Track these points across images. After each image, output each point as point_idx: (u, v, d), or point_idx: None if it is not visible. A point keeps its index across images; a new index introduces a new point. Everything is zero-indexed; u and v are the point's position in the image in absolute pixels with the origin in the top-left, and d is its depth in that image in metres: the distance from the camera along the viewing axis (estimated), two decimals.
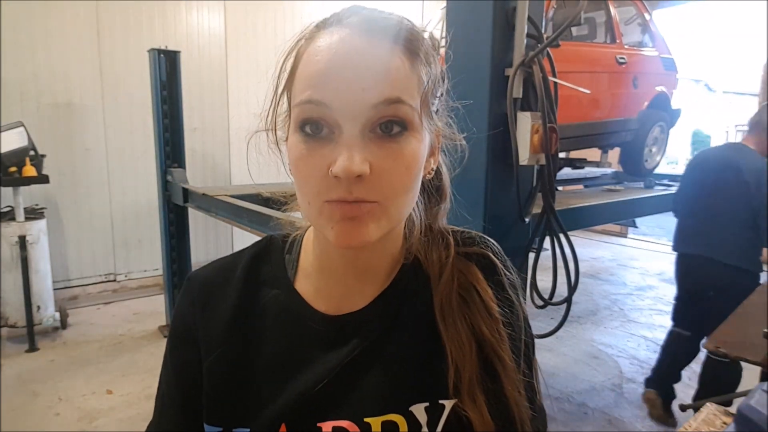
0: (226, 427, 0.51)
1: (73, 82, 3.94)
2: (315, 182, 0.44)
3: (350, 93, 0.42)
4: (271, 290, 0.55)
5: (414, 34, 0.46)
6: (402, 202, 0.47)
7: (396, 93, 0.43)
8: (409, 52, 0.45)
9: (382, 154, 0.43)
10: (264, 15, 4.88)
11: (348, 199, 0.43)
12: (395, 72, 0.43)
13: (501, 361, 0.51)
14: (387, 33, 0.44)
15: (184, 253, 3.61)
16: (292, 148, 0.46)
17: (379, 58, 0.43)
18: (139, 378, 2.86)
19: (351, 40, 0.43)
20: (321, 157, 0.43)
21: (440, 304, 0.52)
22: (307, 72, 0.44)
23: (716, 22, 9.51)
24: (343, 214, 0.44)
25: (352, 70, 0.42)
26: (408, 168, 0.45)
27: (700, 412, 1.05)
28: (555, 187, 1.74)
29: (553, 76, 1.64)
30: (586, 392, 2.80)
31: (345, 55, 0.43)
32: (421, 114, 0.45)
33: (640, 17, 3.56)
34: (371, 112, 0.42)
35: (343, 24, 0.44)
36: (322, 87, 0.43)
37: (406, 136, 0.44)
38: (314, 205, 0.45)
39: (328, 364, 0.51)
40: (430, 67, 0.47)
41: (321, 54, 0.43)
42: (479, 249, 0.57)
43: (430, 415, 0.50)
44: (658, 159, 3.74)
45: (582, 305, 4.22)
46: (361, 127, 0.43)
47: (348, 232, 0.44)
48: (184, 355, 0.56)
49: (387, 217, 0.46)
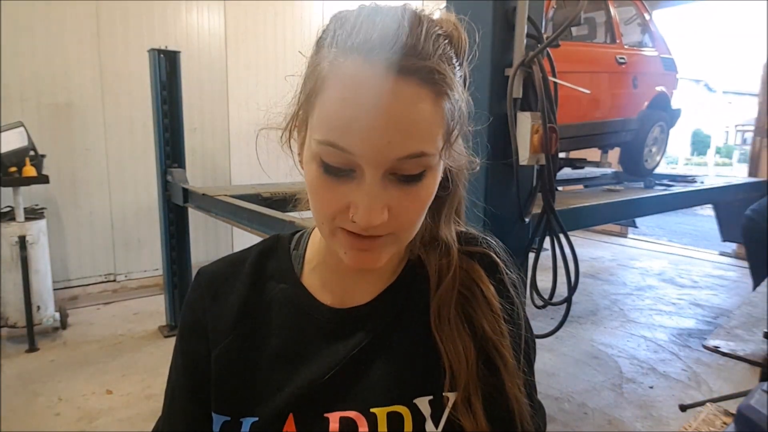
0: (233, 416, 0.52)
1: (73, 82, 3.94)
2: (332, 212, 0.45)
3: (375, 145, 0.41)
4: (278, 284, 0.57)
5: (444, 70, 0.43)
6: (414, 230, 0.49)
7: (420, 147, 0.43)
8: (436, 95, 0.42)
9: (402, 197, 0.44)
10: (264, 15, 4.88)
11: (362, 234, 0.45)
12: (422, 124, 0.42)
13: (502, 358, 0.52)
14: (417, 75, 0.41)
15: (184, 253, 3.61)
16: (310, 174, 0.46)
17: (406, 111, 0.41)
18: (139, 378, 2.86)
19: (378, 86, 0.40)
20: (341, 194, 0.44)
21: (437, 313, 0.53)
22: (331, 111, 0.42)
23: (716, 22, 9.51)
24: (356, 246, 0.46)
25: (378, 123, 0.41)
26: (423, 204, 0.47)
27: (700, 412, 1.05)
28: (555, 187, 1.74)
29: (553, 76, 1.64)
30: (586, 392, 2.80)
31: (372, 104, 0.40)
32: (442, 152, 0.45)
33: (640, 17, 3.56)
34: (394, 163, 0.43)
35: (372, 59, 0.41)
36: (347, 135, 0.41)
37: (424, 179, 0.45)
38: (327, 227, 0.47)
39: (335, 356, 0.52)
40: (454, 97, 0.45)
41: (347, 96, 0.41)
42: (482, 248, 0.58)
43: (434, 408, 0.51)
44: (658, 159, 3.74)
45: (582, 305, 4.22)
46: (383, 173, 0.43)
47: (361, 259, 0.47)
48: (193, 347, 0.57)
49: (399, 244, 0.48)
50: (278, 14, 4.96)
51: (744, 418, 0.78)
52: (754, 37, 10.20)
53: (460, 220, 0.60)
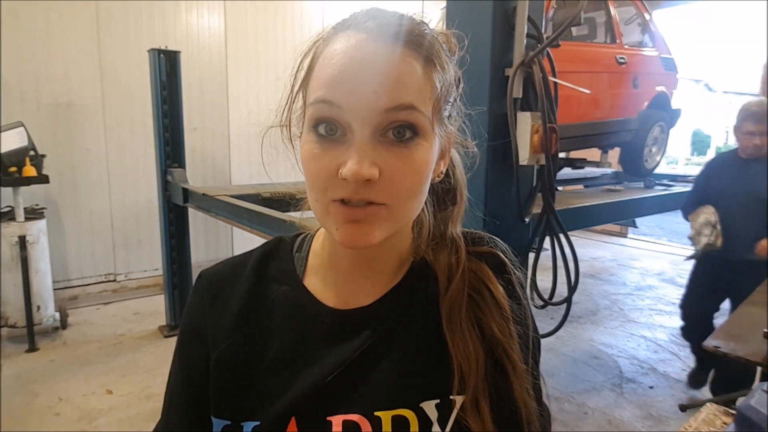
0: (234, 420, 0.51)
1: (73, 82, 3.94)
2: (323, 181, 0.45)
3: (362, 96, 0.42)
4: (280, 286, 0.56)
5: (430, 41, 0.46)
6: (409, 205, 0.47)
7: (408, 99, 0.43)
8: (423, 59, 0.45)
9: (392, 159, 0.44)
10: (264, 15, 4.88)
11: (353, 198, 0.44)
12: (408, 78, 0.44)
13: (511, 362, 0.51)
14: (403, 39, 0.44)
15: (184, 253, 3.61)
16: (304, 146, 0.47)
17: (393, 64, 0.43)
18: (139, 378, 2.86)
19: (366, 44, 0.44)
20: (332, 157, 0.44)
21: (448, 314, 0.52)
22: (322, 73, 0.45)
23: (716, 22, 9.48)
24: (348, 217, 0.45)
25: (365, 74, 0.43)
26: (417, 172, 0.46)
27: (700, 412, 1.05)
28: (555, 187, 1.74)
29: (553, 76, 1.64)
30: (586, 392, 2.80)
31: (360, 58, 0.43)
32: (433, 120, 0.46)
33: (640, 17, 3.56)
34: (382, 117, 0.43)
35: (360, 28, 0.45)
36: (336, 88, 0.43)
37: (416, 142, 0.45)
38: (321, 203, 0.46)
39: (338, 358, 0.51)
40: (444, 73, 0.47)
41: (336, 56, 0.44)
42: (489, 248, 0.58)
43: (441, 411, 0.50)
44: (658, 159, 3.74)
45: (582, 305, 4.22)
46: (372, 130, 0.43)
47: (353, 233, 0.45)
48: (191, 352, 0.56)
49: (393, 220, 0.47)
50: (278, 14, 4.96)
51: (744, 418, 0.78)
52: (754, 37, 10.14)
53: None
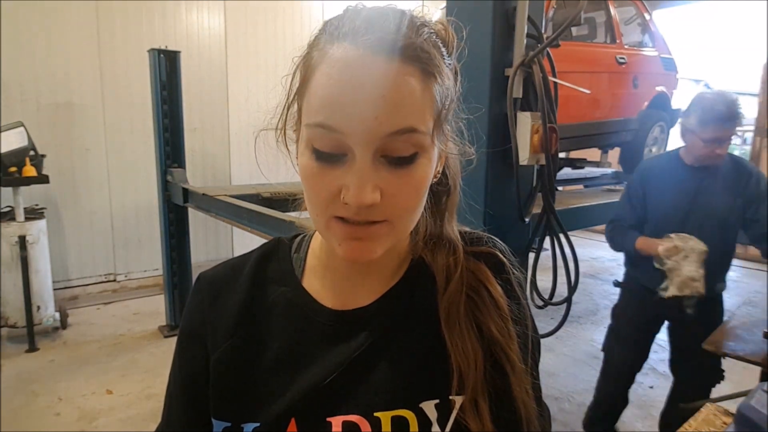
0: (234, 422, 0.51)
1: (73, 82, 3.94)
2: (324, 200, 0.45)
3: (364, 122, 0.41)
4: (278, 287, 0.56)
5: (429, 50, 0.44)
6: (410, 219, 0.48)
7: (409, 122, 0.42)
8: (423, 73, 0.43)
9: (394, 179, 0.44)
10: (264, 15, 4.88)
11: (356, 219, 0.44)
12: (409, 99, 0.42)
13: (510, 362, 0.51)
14: (402, 54, 0.42)
15: (184, 253, 3.61)
16: (303, 161, 0.46)
17: (393, 86, 0.42)
18: (139, 378, 2.86)
19: (365, 65, 0.41)
20: (332, 178, 0.44)
21: (446, 314, 0.52)
22: (320, 92, 0.43)
23: (716, 22, 9.41)
24: (350, 235, 0.45)
25: (365, 97, 0.41)
26: (417, 189, 0.46)
27: (700, 412, 1.05)
28: (555, 187, 1.74)
29: (553, 76, 1.64)
30: (586, 392, 2.80)
31: (359, 81, 0.41)
32: (433, 135, 0.45)
33: (640, 17, 3.56)
34: (384, 141, 0.42)
35: (359, 43, 0.42)
36: (336, 113, 0.42)
37: (417, 162, 0.45)
38: (322, 219, 0.46)
39: (337, 359, 0.51)
40: (443, 83, 0.46)
41: (334, 76, 0.42)
42: (488, 248, 0.58)
43: (441, 412, 0.50)
44: None
45: (582, 305, 4.22)
46: (373, 153, 0.43)
47: (355, 249, 0.46)
48: (190, 354, 0.56)
49: (394, 234, 0.47)
50: (278, 14, 4.96)
51: (744, 418, 0.78)
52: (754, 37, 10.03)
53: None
